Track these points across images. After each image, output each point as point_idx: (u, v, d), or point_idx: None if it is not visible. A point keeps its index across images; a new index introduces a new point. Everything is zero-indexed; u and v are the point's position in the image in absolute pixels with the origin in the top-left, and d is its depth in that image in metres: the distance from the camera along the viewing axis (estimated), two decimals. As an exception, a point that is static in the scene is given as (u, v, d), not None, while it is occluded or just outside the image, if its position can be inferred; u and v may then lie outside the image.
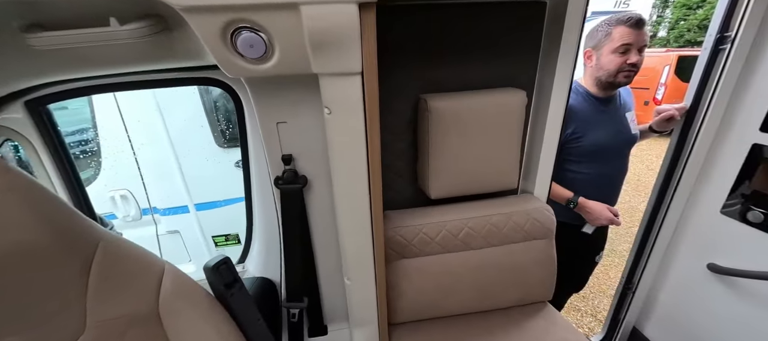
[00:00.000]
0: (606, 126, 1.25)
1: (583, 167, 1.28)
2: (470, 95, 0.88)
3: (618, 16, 1.15)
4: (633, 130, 1.31)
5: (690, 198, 1.27)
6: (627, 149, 1.33)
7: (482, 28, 0.89)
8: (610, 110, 1.27)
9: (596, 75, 1.22)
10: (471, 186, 0.98)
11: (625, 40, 1.12)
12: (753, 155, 1.06)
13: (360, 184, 0.69)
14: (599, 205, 1.26)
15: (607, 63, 1.17)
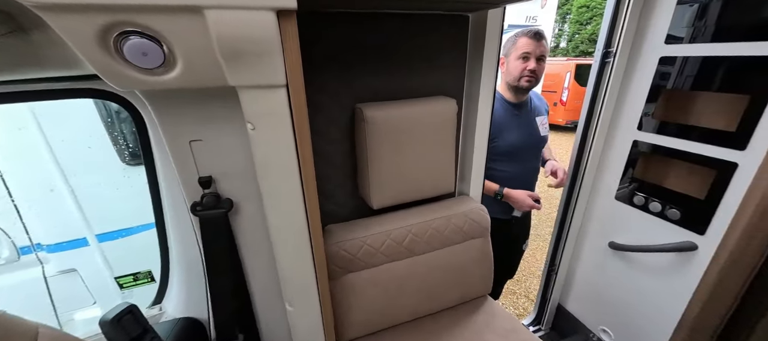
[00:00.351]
0: (519, 129, 1.41)
1: (501, 165, 1.43)
2: (405, 104, 0.89)
3: (524, 29, 1.33)
4: (542, 132, 1.48)
5: (592, 187, 1.49)
6: (538, 150, 1.50)
7: (413, 38, 0.91)
8: (522, 114, 1.43)
9: (507, 80, 1.39)
10: (412, 193, 0.99)
11: (525, 49, 1.29)
12: (634, 149, 1.28)
13: (294, 202, 0.64)
14: (521, 192, 1.42)
15: (513, 68, 1.34)
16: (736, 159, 1.00)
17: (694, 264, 1.16)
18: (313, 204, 0.66)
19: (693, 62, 1.06)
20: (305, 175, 0.61)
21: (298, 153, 0.58)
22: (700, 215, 1.11)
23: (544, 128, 1.48)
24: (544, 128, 1.48)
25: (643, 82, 1.19)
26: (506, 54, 1.38)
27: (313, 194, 0.65)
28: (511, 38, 1.37)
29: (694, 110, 1.11)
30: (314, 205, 0.66)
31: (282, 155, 0.58)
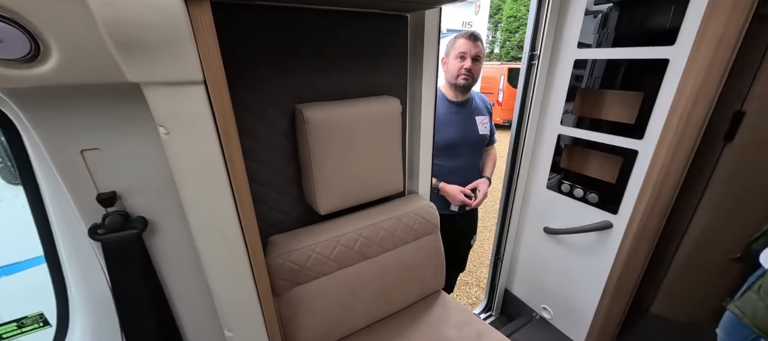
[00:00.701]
0: (457, 126, 1.47)
1: (440, 159, 1.48)
2: (348, 104, 0.86)
3: (462, 32, 1.43)
4: (480, 131, 1.55)
5: (527, 178, 1.63)
6: (477, 147, 1.57)
7: (355, 37, 0.88)
8: (462, 112, 1.49)
9: (447, 78, 1.46)
10: (361, 195, 0.96)
11: (462, 49, 1.38)
12: (558, 142, 1.43)
13: (225, 215, 0.57)
14: (454, 188, 1.48)
15: (451, 67, 1.42)
16: (636, 147, 1.16)
17: (611, 240, 1.33)
18: (249, 215, 0.59)
19: (600, 64, 1.22)
20: (236, 184, 0.55)
21: (225, 160, 0.52)
22: (613, 197, 1.27)
23: (484, 127, 1.56)
24: (483, 127, 1.56)
25: (562, 82, 1.34)
26: (446, 54, 1.45)
27: (247, 203, 0.58)
28: (450, 40, 1.44)
29: (603, 105, 1.28)
30: (250, 216, 0.59)
31: (206, 163, 0.51)
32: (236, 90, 0.76)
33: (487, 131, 1.58)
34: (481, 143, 1.58)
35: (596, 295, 1.45)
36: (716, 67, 0.94)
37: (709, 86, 0.97)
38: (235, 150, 0.52)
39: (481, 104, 1.60)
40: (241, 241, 0.60)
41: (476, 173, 1.62)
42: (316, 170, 0.85)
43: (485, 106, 1.62)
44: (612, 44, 1.16)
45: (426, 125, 1.09)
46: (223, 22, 0.70)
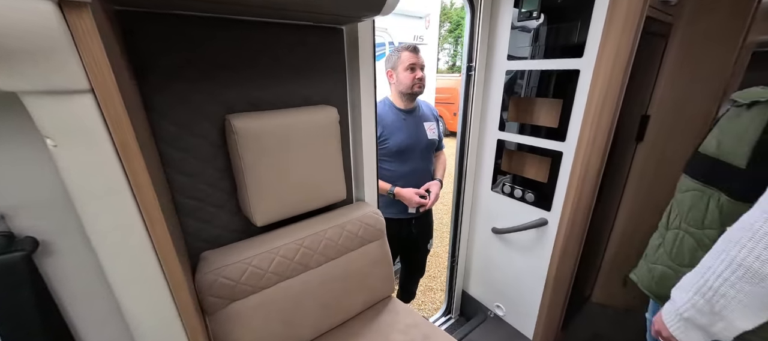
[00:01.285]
0: (407, 131, 1.53)
1: (392, 164, 1.54)
2: (281, 114, 0.86)
3: (402, 45, 1.50)
4: (430, 136, 1.62)
5: (474, 182, 1.71)
6: (427, 151, 1.63)
7: (291, 48, 0.89)
8: (411, 119, 1.56)
9: (399, 89, 1.51)
10: (300, 205, 0.95)
11: (411, 61, 1.45)
12: (499, 146, 1.53)
13: (132, 232, 0.54)
14: (409, 191, 1.54)
15: (403, 79, 1.48)
16: (561, 148, 1.28)
17: (548, 236, 1.43)
18: (160, 231, 0.57)
19: (526, 75, 1.34)
20: (142, 198, 0.52)
21: (126, 173, 0.49)
22: (546, 195, 1.38)
23: (432, 132, 1.63)
24: (431, 132, 1.63)
25: (497, 91, 1.44)
26: (393, 67, 1.50)
27: (157, 218, 0.55)
28: (393, 53, 1.50)
29: (533, 112, 1.40)
30: (161, 232, 0.57)
31: (103, 177, 0.48)
32: (158, 99, 0.73)
33: (435, 135, 1.66)
34: (431, 148, 1.66)
35: (540, 289, 1.55)
36: (616, 77, 1.08)
37: (613, 93, 1.10)
38: (137, 162, 0.50)
39: (428, 111, 1.68)
40: (153, 260, 0.57)
41: (428, 177, 1.68)
42: (249, 181, 0.83)
43: (432, 113, 1.70)
44: (534, 57, 1.29)
45: (368, 132, 1.11)
46: (138, 30, 0.68)
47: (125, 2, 0.62)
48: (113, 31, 0.58)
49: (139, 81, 0.70)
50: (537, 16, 1.23)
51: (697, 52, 1.38)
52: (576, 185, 1.26)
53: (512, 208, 1.55)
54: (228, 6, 0.68)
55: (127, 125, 0.47)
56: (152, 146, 0.74)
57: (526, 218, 1.48)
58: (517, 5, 1.28)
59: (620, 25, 1.02)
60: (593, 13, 1.07)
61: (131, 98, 0.60)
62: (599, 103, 1.12)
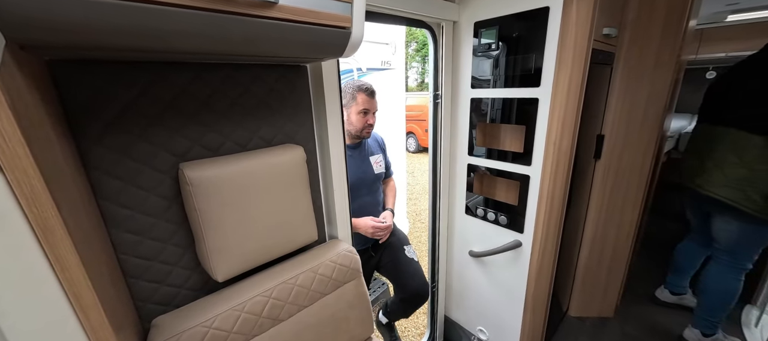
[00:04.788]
0: (353, 169, 1.53)
1: (353, 196, 1.53)
2: (243, 158, 0.81)
3: (359, 84, 1.47)
4: (376, 170, 1.65)
5: (448, 206, 1.72)
6: (374, 185, 1.66)
7: (247, 88, 0.85)
8: (356, 154, 1.58)
9: (347, 128, 1.49)
10: (267, 253, 0.89)
11: (365, 106, 1.46)
12: (469, 170, 1.55)
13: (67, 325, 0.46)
14: (364, 220, 1.54)
15: (354, 121, 1.48)
16: (528, 172, 1.32)
17: (523, 256, 1.45)
18: (97, 316, 0.49)
19: (490, 102, 1.39)
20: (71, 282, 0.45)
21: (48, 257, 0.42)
22: (518, 217, 1.41)
23: (378, 166, 1.67)
24: (377, 166, 1.66)
25: (464, 117, 1.48)
26: (346, 105, 1.48)
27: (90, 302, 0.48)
28: (348, 91, 1.48)
29: (499, 137, 1.44)
30: (98, 317, 0.49)
31: (19, 267, 0.40)
32: (98, 154, 0.66)
33: (382, 169, 1.68)
34: (377, 181, 1.68)
35: (520, 310, 1.55)
36: (572, 103, 1.14)
37: (570, 119, 1.16)
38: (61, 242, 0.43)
39: (374, 143, 1.70)
40: (79, 333, 0.49)
41: (378, 208, 1.69)
42: (208, 233, 0.76)
43: (378, 145, 1.72)
44: (496, 85, 1.34)
45: (337, 168, 1.08)
46: (71, 80, 0.61)
47: (55, 51, 0.55)
48: (39, 85, 0.52)
49: (74, 136, 0.63)
50: (496, 47, 1.29)
51: (639, 75, 1.51)
52: (545, 207, 1.30)
53: (487, 231, 1.56)
54: (171, 55, 0.63)
55: (47, 201, 0.40)
56: (92, 207, 0.65)
57: (501, 241, 1.49)
58: (477, 36, 1.34)
59: (570, 56, 1.09)
60: (546, 46, 1.14)
61: (61, 160, 0.53)
62: (559, 128, 1.18)
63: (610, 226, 1.79)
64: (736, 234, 1.57)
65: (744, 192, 1.46)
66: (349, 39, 0.69)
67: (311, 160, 1.04)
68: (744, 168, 1.46)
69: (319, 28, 0.64)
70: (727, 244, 1.62)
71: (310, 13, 0.60)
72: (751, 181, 1.44)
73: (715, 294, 1.68)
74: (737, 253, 1.60)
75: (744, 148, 1.45)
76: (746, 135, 1.45)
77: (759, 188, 1.42)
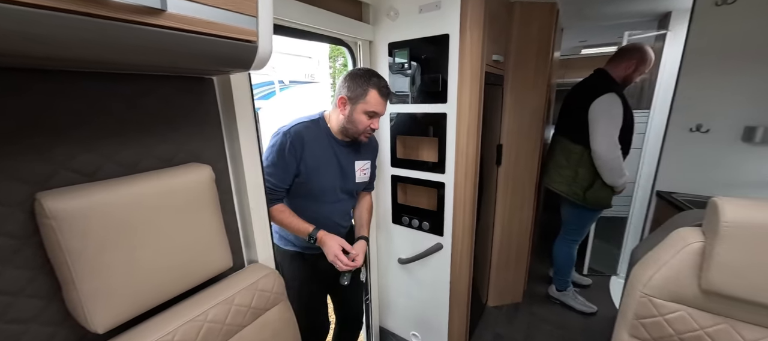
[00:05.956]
0: (335, 170, 1.26)
1: (309, 203, 1.26)
2: (127, 182, 0.69)
3: (373, 76, 1.16)
4: (358, 179, 1.33)
5: (378, 216, 1.76)
6: (350, 194, 1.35)
7: (137, 102, 0.74)
8: (344, 154, 1.28)
9: (345, 125, 1.20)
10: (167, 289, 0.77)
11: (375, 108, 1.15)
12: (393, 181, 1.63)
13: None
14: (333, 244, 1.19)
15: (357, 121, 1.17)
16: (443, 180, 1.45)
17: (445, 258, 1.57)
18: None
19: (408, 117, 1.49)
20: None
21: None
22: (437, 222, 1.53)
23: (363, 174, 1.35)
24: (362, 174, 1.34)
25: (385, 131, 1.56)
26: (352, 98, 1.16)
27: None
28: (359, 82, 1.15)
29: (417, 148, 1.56)
30: None
31: None
32: None
33: (366, 178, 1.38)
34: (354, 191, 1.37)
35: (446, 308, 1.66)
36: (473, 118, 1.31)
37: (473, 131, 1.33)
38: None
39: (369, 146, 1.38)
40: None
41: (346, 220, 1.39)
42: (80, 277, 0.62)
43: (371, 148, 1.40)
44: (412, 102, 1.46)
45: (254, 186, 1.01)
46: None
47: None
48: None
49: None
50: (408, 67, 1.40)
51: (522, 95, 1.83)
52: (459, 210, 1.44)
53: (412, 237, 1.64)
54: (35, 61, 0.52)
55: None
56: None
57: (425, 245, 1.59)
58: (391, 55, 1.45)
59: (468, 77, 1.27)
60: (449, 67, 1.29)
61: None
62: (464, 139, 1.33)
63: (513, 223, 2.08)
64: (569, 217, 2.09)
65: (571, 187, 1.93)
66: (255, 53, 0.67)
67: (223, 179, 0.96)
68: (570, 169, 1.92)
69: (220, 40, 0.60)
70: (565, 224, 2.14)
71: (208, 23, 0.57)
72: (575, 179, 1.91)
73: (559, 258, 2.20)
74: (570, 230, 2.12)
75: (570, 153, 1.92)
76: (570, 144, 1.91)
77: (581, 184, 1.89)
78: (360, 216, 1.40)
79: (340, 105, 1.19)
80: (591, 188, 1.87)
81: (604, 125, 1.72)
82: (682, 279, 0.82)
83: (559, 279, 2.26)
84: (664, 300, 0.85)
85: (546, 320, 2.17)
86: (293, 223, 1.21)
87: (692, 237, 0.82)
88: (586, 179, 1.87)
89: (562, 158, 1.96)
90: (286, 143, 1.16)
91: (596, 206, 1.92)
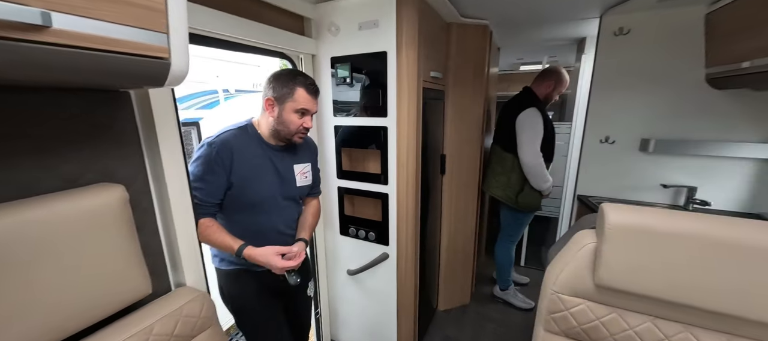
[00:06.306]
0: (270, 177, 1.19)
1: (245, 216, 1.18)
2: (16, 207, 0.62)
3: (297, 74, 1.15)
4: (299, 183, 1.27)
5: (324, 228, 1.75)
6: (293, 200, 1.29)
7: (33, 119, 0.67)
8: (279, 160, 1.21)
9: (276, 127, 1.15)
10: (69, 324, 0.69)
11: (305, 105, 1.13)
12: (340, 193, 1.64)
13: None
14: (265, 251, 1.11)
15: (287, 121, 1.13)
16: (386, 191, 1.50)
17: (391, 266, 1.61)
18: None
19: (352, 129, 1.52)
20: None
21: None
22: (383, 232, 1.56)
23: (304, 177, 1.29)
24: (302, 178, 1.28)
25: (330, 143, 1.57)
26: (279, 98, 1.12)
27: None
28: (284, 82, 1.12)
29: (362, 160, 1.59)
30: None
31: None
32: None
33: (308, 181, 1.31)
34: (298, 196, 1.30)
35: (394, 316, 1.70)
36: (412, 131, 1.38)
37: (412, 143, 1.40)
38: None
39: (305, 148, 1.32)
40: None
41: (292, 228, 1.29)
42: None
43: (310, 151, 1.34)
44: (356, 115, 1.49)
45: (179, 203, 0.96)
46: None
47: None
48: None
49: None
50: (350, 81, 1.44)
51: (462, 108, 1.96)
52: (402, 219, 1.49)
53: (360, 248, 1.66)
54: None
55: None
56: None
57: (372, 255, 1.62)
58: (334, 69, 1.47)
59: (406, 92, 1.33)
60: (388, 83, 1.35)
61: None
62: (405, 151, 1.39)
63: (458, 229, 2.20)
64: (506, 219, 2.28)
65: (505, 191, 2.12)
66: (168, 70, 0.65)
67: (143, 199, 0.90)
68: (504, 176, 2.12)
69: (123, 57, 0.57)
70: (503, 226, 2.33)
71: (106, 40, 0.54)
72: (508, 184, 2.10)
73: (499, 258, 2.37)
74: (507, 232, 2.30)
75: (503, 161, 2.11)
76: (503, 152, 2.11)
77: (513, 188, 2.09)
78: (303, 220, 1.33)
79: (268, 107, 1.14)
80: (522, 192, 2.06)
81: (527, 135, 1.93)
82: (581, 276, 0.94)
83: (502, 279, 2.43)
84: (568, 296, 0.96)
85: (491, 319, 2.30)
86: (219, 239, 1.11)
87: (588, 239, 0.95)
88: (518, 184, 2.06)
89: (498, 165, 2.15)
90: (212, 153, 1.09)
91: (527, 209, 2.11)
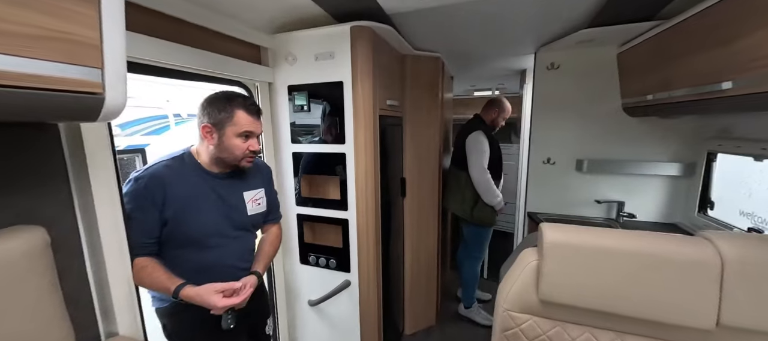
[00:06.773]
0: (216, 209, 1.10)
1: (190, 253, 1.08)
2: None
3: (233, 96, 1.08)
4: (251, 210, 1.17)
5: (284, 258, 1.69)
6: (246, 229, 1.20)
7: None
8: (224, 187, 1.13)
9: (217, 155, 1.08)
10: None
11: (248, 128, 1.06)
12: (299, 221, 1.60)
13: None
14: (202, 289, 0.99)
15: (231, 146, 1.06)
16: (346, 216, 1.50)
17: (354, 293, 1.58)
18: None
19: (310, 156, 1.52)
20: None
21: None
22: (344, 259, 1.54)
23: (257, 203, 1.20)
24: (254, 205, 1.19)
25: (288, 170, 1.55)
26: (217, 124, 1.04)
27: None
28: (220, 105, 1.05)
29: (321, 187, 1.58)
30: None
31: None
32: None
33: (262, 208, 1.22)
34: (249, 226, 1.20)
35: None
36: (369, 157, 1.42)
37: (370, 169, 1.43)
38: None
39: (256, 173, 1.22)
40: None
41: (246, 261, 1.19)
42: None
43: (261, 176, 1.25)
44: (313, 142, 1.49)
45: (112, 244, 0.88)
46: None
47: None
48: None
49: None
50: (308, 108, 1.45)
51: (419, 132, 2.06)
52: (363, 245, 1.49)
53: (321, 277, 1.62)
54: None
55: None
56: None
57: (334, 284, 1.58)
58: (291, 97, 1.48)
59: (362, 120, 1.37)
60: (345, 111, 1.39)
61: None
62: (363, 177, 1.42)
63: (421, 251, 2.24)
64: (467, 235, 2.39)
65: (462, 207, 2.25)
66: (102, 105, 0.61)
67: (70, 240, 0.81)
68: (460, 193, 2.26)
69: (51, 94, 0.54)
70: (465, 242, 2.43)
71: (26, 77, 0.50)
72: (464, 201, 2.24)
73: (465, 276, 2.43)
74: (470, 248, 2.40)
75: (459, 179, 2.26)
76: (458, 171, 2.27)
77: (469, 204, 2.23)
78: (259, 251, 1.23)
79: (206, 135, 1.06)
80: (476, 206, 2.19)
81: (474, 155, 2.11)
82: (527, 292, 1.00)
83: (466, 296, 2.49)
84: (517, 313, 1.02)
85: (456, 339, 2.33)
86: (155, 280, 1.00)
87: (531, 256, 1.02)
88: (471, 199, 2.20)
89: (454, 183, 2.29)
90: (140, 188, 1.00)
91: (482, 223, 2.24)
